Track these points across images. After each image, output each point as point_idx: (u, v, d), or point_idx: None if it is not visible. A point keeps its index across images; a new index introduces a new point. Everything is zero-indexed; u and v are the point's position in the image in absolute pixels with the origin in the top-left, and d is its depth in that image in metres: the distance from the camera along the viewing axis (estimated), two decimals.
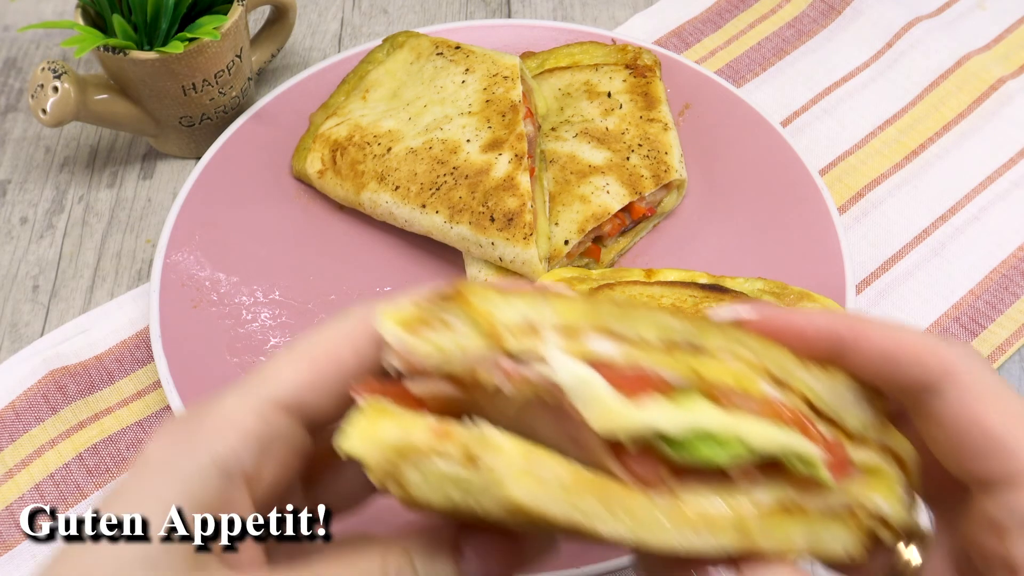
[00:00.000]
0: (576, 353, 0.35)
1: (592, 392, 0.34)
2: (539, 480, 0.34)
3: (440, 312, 0.38)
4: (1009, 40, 1.03)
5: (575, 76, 0.92)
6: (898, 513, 0.41)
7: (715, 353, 0.38)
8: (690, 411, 0.36)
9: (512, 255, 0.77)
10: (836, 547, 0.40)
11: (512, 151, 0.80)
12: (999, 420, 0.38)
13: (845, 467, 0.40)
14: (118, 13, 0.84)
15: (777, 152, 0.87)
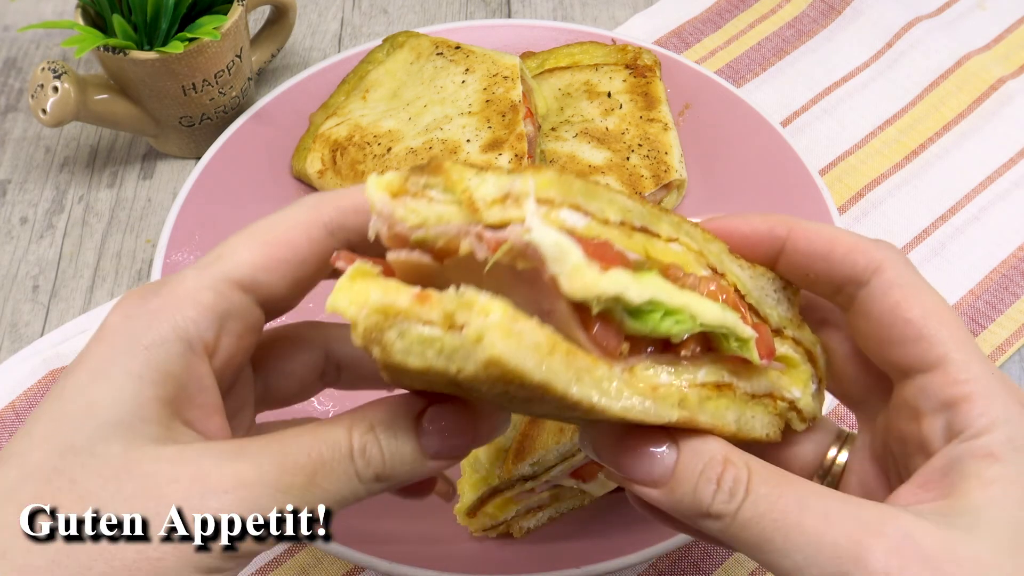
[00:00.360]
0: (552, 222, 0.37)
1: (567, 257, 0.36)
2: (520, 340, 0.36)
3: (422, 184, 0.40)
4: (1009, 40, 1.03)
5: (575, 76, 0.92)
6: (807, 402, 0.47)
7: (665, 238, 0.42)
8: (649, 284, 0.39)
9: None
10: (758, 428, 0.45)
11: (512, 151, 0.80)
12: (919, 311, 0.41)
13: (771, 351, 0.45)
14: (118, 13, 0.84)
15: (777, 152, 0.87)
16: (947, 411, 0.40)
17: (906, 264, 0.43)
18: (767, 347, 0.45)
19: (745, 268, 0.46)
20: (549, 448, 0.63)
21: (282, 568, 0.70)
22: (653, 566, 0.70)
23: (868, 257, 0.43)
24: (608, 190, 0.40)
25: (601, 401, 0.39)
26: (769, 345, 0.45)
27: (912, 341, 0.41)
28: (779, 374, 0.46)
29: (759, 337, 0.43)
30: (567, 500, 0.69)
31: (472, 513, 0.65)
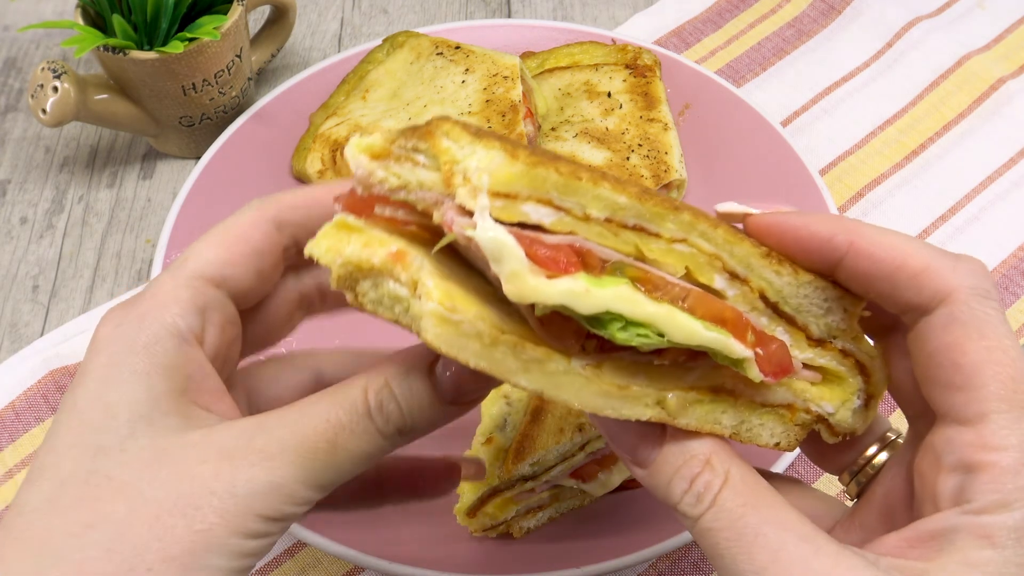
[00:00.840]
0: (511, 216, 0.36)
1: (507, 260, 0.35)
2: (457, 328, 0.36)
3: (410, 147, 0.39)
4: (1009, 40, 1.03)
5: (575, 76, 0.92)
6: (843, 418, 0.44)
7: (668, 238, 0.39)
8: (606, 293, 0.37)
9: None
10: (764, 437, 0.44)
11: None
12: (973, 358, 0.37)
13: (782, 369, 0.42)
14: (118, 13, 0.84)
15: (777, 152, 0.87)
16: (965, 473, 0.37)
17: (982, 296, 0.38)
18: (777, 365, 0.42)
19: (785, 274, 0.42)
20: (549, 448, 0.63)
21: (282, 568, 0.70)
22: (653, 566, 0.70)
23: (938, 284, 0.39)
24: (597, 184, 0.37)
25: (555, 394, 0.39)
26: (780, 362, 0.42)
27: (956, 389, 0.37)
28: (808, 385, 0.44)
29: (765, 354, 0.41)
30: (567, 500, 0.69)
31: (472, 513, 0.65)
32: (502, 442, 0.65)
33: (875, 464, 0.45)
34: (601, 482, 0.67)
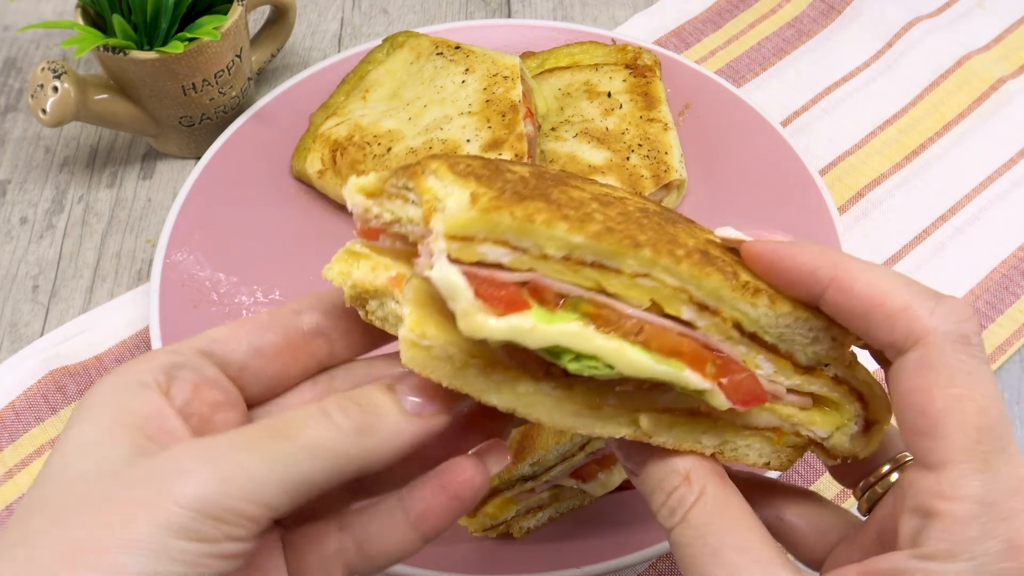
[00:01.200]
0: (470, 256, 0.38)
1: (457, 299, 0.38)
2: (428, 352, 0.39)
3: (401, 183, 0.43)
4: (1009, 40, 1.03)
5: (575, 76, 0.92)
6: (839, 442, 0.45)
7: (629, 274, 0.40)
8: (553, 329, 0.39)
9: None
10: (752, 457, 0.45)
11: (512, 151, 0.80)
12: (940, 405, 0.37)
13: (754, 398, 0.42)
14: (118, 13, 0.84)
15: (777, 152, 0.87)
16: (922, 518, 0.37)
17: (958, 341, 0.37)
18: (745, 394, 0.42)
19: (761, 306, 0.42)
20: (549, 448, 0.63)
21: None
22: (653, 566, 0.70)
23: (913, 325, 0.38)
24: (551, 226, 0.38)
25: (526, 413, 0.41)
26: (748, 392, 0.42)
27: (922, 433, 0.37)
28: (796, 410, 0.44)
29: (732, 384, 0.42)
30: (567, 500, 0.69)
31: (472, 513, 0.65)
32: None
33: (884, 484, 0.46)
34: (601, 482, 0.67)
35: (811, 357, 0.44)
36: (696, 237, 0.43)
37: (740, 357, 0.43)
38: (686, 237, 0.43)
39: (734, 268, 0.42)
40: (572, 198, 0.41)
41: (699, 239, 0.43)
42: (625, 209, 0.43)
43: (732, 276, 0.41)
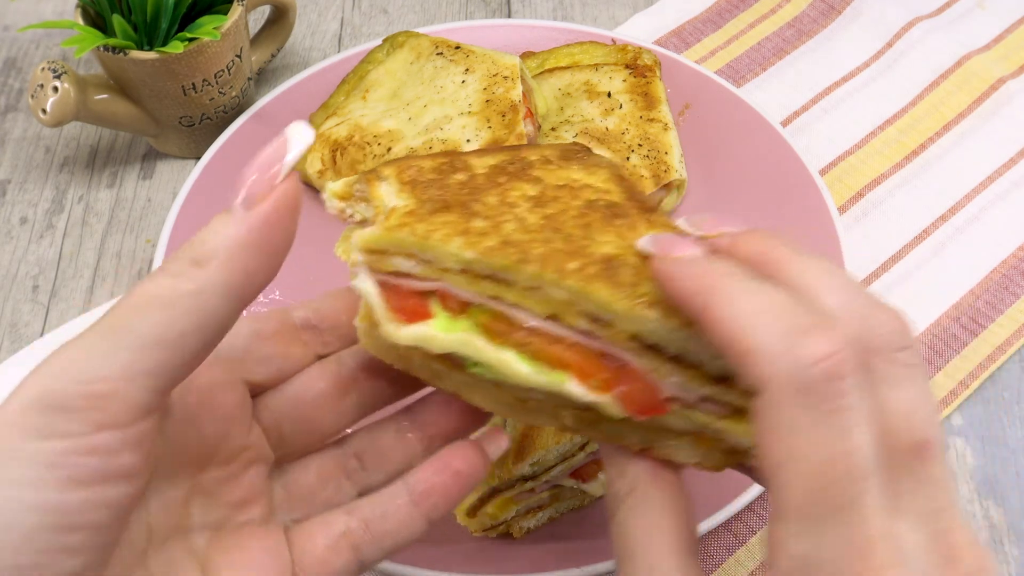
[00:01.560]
0: (386, 266, 0.43)
1: (373, 307, 0.43)
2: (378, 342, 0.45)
3: (360, 189, 0.47)
4: (1009, 40, 1.03)
5: (575, 76, 0.92)
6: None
7: (521, 286, 0.42)
8: (449, 338, 0.42)
9: None
10: (683, 456, 0.45)
11: None
12: (775, 460, 0.35)
13: (649, 406, 0.42)
14: (118, 13, 0.84)
15: (777, 152, 0.87)
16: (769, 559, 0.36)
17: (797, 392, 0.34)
18: (640, 404, 0.42)
19: (651, 321, 0.41)
20: (549, 448, 0.63)
21: None
22: None
23: (755, 372, 0.35)
24: (447, 242, 0.42)
25: (470, 398, 0.45)
26: (643, 402, 0.42)
27: (765, 480, 0.36)
28: (714, 419, 0.43)
29: (626, 394, 0.42)
30: (567, 500, 0.69)
31: (472, 513, 0.66)
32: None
33: None
34: (601, 482, 0.67)
35: (719, 370, 0.42)
36: (624, 240, 0.43)
37: (644, 367, 0.42)
38: (606, 243, 0.43)
39: (638, 279, 0.41)
40: (494, 205, 0.44)
41: (624, 243, 0.43)
42: (558, 210, 0.45)
43: (629, 287, 0.41)
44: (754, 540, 0.71)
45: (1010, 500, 0.74)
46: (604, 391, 0.42)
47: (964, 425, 0.78)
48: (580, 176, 0.48)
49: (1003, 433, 0.77)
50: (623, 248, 0.43)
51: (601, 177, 0.49)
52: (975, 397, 0.79)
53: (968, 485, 0.75)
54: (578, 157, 0.51)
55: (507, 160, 0.49)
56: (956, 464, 0.76)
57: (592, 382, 0.42)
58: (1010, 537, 0.72)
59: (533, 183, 0.47)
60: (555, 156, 0.51)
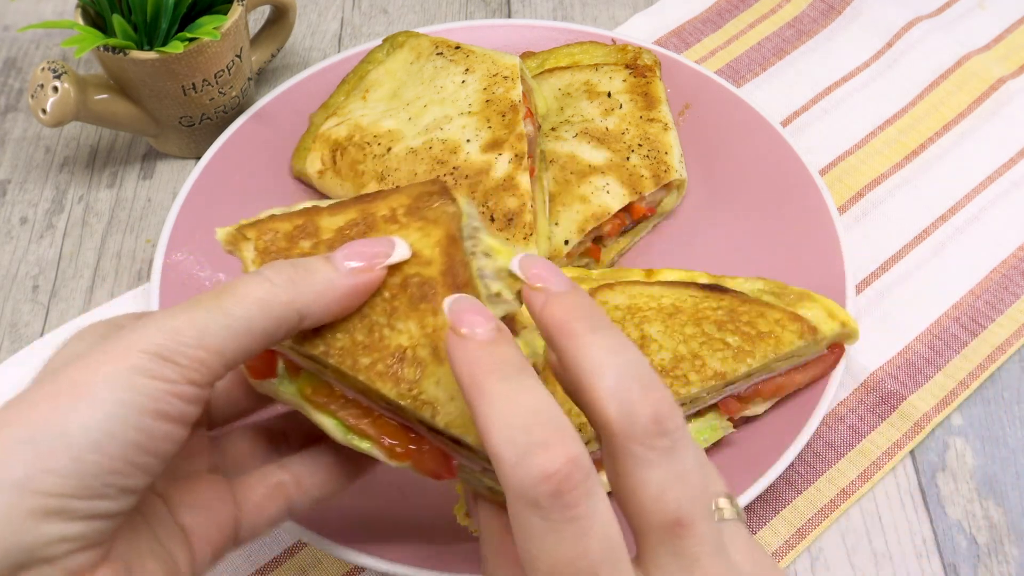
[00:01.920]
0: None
1: None
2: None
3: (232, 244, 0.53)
4: (1009, 40, 1.03)
5: (575, 76, 0.92)
6: None
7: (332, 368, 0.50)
8: (286, 394, 0.51)
9: None
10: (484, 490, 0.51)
11: (512, 151, 0.80)
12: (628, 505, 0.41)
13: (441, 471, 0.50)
14: (118, 13, 0.84)
15: (777, 152, 0.87)
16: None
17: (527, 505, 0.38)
18: (435, 470, 0.50)
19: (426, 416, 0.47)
20: None
21: (282, 568, 0.70)
22: None
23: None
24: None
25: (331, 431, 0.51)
26: (437, 469, 0.50)
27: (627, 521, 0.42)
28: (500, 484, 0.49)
29: (424, 460, 0.50)
30: None
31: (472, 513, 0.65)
32: None
33: None
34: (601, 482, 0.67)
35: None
36: (422, 328, 0.48)
37: (436, 441, 0.50)
38: (404, 332, 0.48)
39: (421, 374, 0.47)
40: None
41: (422, 332, 0.48)
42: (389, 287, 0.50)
43: (410, 384, 0.47)
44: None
45: (1010, 500, 0.74)
46: (403, 459, 0.50)
47: (964, 425, 0.78)
48: (412, 239, 0.51)
49: (1003, 433, 0.77)
50: (417, 338, 0.48)
51: (432, 239, 0.51)
52: (975, 397, 0.79)
53: (968, 485, 0.75)
54: (426, 206, 0.53)
55: (355, 220, 0.53)
56: (956, 464, 0.76)
57: (393, 450, 0.50)
58: (1010, 537, 0.72)
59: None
60: (403, 209, 0.53)
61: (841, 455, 0.75)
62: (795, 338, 0.68)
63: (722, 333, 0.68)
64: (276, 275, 0.46)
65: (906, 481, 0.75)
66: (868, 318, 0.83)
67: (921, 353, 0.81)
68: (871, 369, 0.80)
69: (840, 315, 0.71)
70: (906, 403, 0.78)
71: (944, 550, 0.71)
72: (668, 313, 0.69)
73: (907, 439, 0.76)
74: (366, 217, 0.53)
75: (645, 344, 0.67)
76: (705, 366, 0.66)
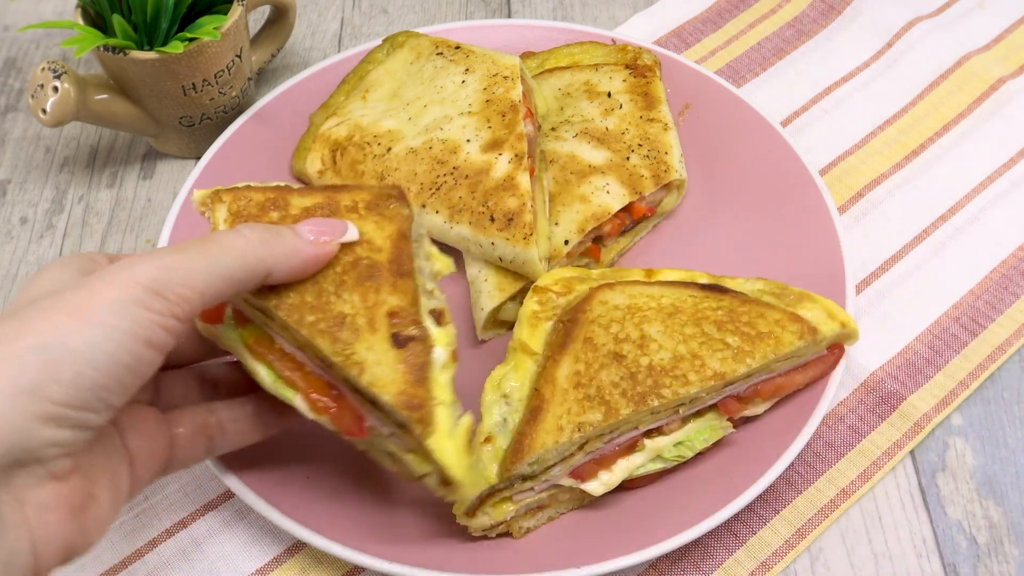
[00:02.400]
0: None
1: None
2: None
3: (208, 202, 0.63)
4: (1009, 40, 1.03)
5: (575, 76, 0.92)
6: (432, 483, 0.60)
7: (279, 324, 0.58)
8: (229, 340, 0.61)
9: (512, 255, 0.77)
10: (388, 466, 0.62)
11: (512, 151, 0.80)
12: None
13: (351, 429, 0.59)
14: (118, 13, 0.84)
15: (777, 152, 0.87)
16: None
17: None
18: (348, 427, 0.59)
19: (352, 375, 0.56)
20: (548, 448, 0.63)
21: (282, 568, 0.70)
22: (653, 566, 0.70)
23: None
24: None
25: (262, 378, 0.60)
26: (350, 426, 0.59)
27: None
28: (401, 451, 0.60)
29: (340, 416, 0.59)
30: (567, 500, 0.69)
31: (472, 513, 0.66)
32: (502, 442, 0.65)
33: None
34: (601, 481, 0.67)
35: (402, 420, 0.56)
36: (364, 301, 0.58)
37: (353, 401, 0.59)
38: (347, 302, 0.57)
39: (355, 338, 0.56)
40: None
41: (364, 304, 0.58)
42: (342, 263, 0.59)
43: (344, 344, 0.56)
44: (754, 540, 0.71)
45: (1010, 500, 0.74)
46: (323, 413, 0.59)
47: (964, 425, 0.78)
48: (368, 229, 0.61)
49: (1003, 433, 0.77)
50: (358, 308, 0.57)
51: (385, 232, 0.61)
52: (975, 397, 0.79)
53: (968, 485, 0.75)
54: (384, 205, 0.63)
55: (321, 203, 0.62)
56: (956, 464, 0.76)
57: (315, 403, 0.59)
58: (1010, 537, 0.72)
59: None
60: (364, 204, 0.63)
61: (841, 455, 0.75)
62: (795, 338, 0.68)
63: (722, 333, 0.68)
64: (252, 233, 0.54)
65: (906, 481, 0.75)
66: (868, 318, 0.83)
67: (921, 353, 0.81)
68: (871, 369, 0.80)
69: (840, 315, 0.71)
70: (906, 403, 0.78)
71: (944, 550, 0.71)
72: (668, 313, 0.69)
73: (907, 439, 0.76)
74: (331, 203, 0.62)
75: (645, 344, 0.67)
76: (705, 366, 0.66)
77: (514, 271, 0.79)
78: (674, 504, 0.68)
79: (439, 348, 0.59)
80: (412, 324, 0.58)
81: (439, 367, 0.59)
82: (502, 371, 0.69)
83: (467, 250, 0.81)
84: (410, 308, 0.58)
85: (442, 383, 0.58)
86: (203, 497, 0.73)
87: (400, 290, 0.59)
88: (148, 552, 0.71)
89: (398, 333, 0.57)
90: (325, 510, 0.68)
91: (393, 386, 0.56)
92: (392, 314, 0.58)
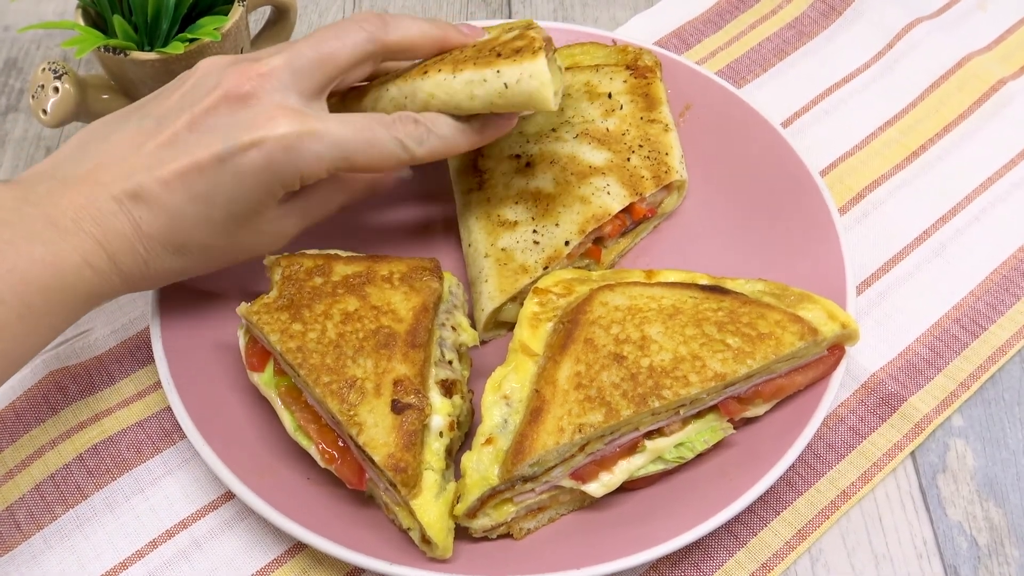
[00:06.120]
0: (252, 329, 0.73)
1: (242, 351, 0.73)
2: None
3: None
4: (1009, 41, 1.03)
5: (575, 77, 0.92)
6: (416, 538, 0.65)
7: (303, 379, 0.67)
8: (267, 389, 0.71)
9: (518, 75, 0.70)
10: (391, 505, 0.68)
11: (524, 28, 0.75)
12: None
13: (353, 480, 0.66)
14: (119, 14, 0.84)
15: (778, 153, 0.87)
16: None
17: None
18: (349, 479, 0.66)
19: (354, 436, 0.64)
20: (549, 449, 0.63)
21: (282, 568, 0.70)
22: (654, 567, 0.70)
23: None
24: (270, 336, 0.68)
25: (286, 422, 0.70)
26: (351, 478, 0.66)
27: None
28: (392, 503, 0.67)
29: (343, 469, 0.66)
30: (567, 501, 0.69)
31: (472, 514, 0.66)
32: (503, 443, 0.65)
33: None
34: (601, 483, 0.67)
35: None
36: (376, 368, 0.65)
37: (357, 456, 0.66)
38: (360, 367, 0.65)
39: (361, 400, 0.64)
40: (318, 313, 0.68)
41: (376, 370, 0.65)
42: (352, 329, 0.67)
43: (351, 406, 0.64)
44: (754, 541, 0.71)
45: (1011, 501, 0.74)
46: (331, 463, 0.67)
47: (965, 426, 0.78)
48: (396, 300, 0.69)
49: (1004, 434, 0.77)
50: (368, 374, 0.65)
51: (410, 304, 0.69)
52: (976, 398, 0.79)
53: (969, 486, 0.75)
54: (417, 277, 0.71)
55: (360, 272, 0.71)
56: (957, 465, 0.76)
57: (325, 453, 0.67)
58: (1011, 539, 0.72)
59: (359, 299, 0.69)
60: (399, 275, 0.71)
61: (841, 456, 0.75)
62: (795, 339, 0.68)
63: (722, 334, 0.68)
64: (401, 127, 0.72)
65: (907, 482, 0.75)
66: (868, 319, 0.83)
67: (922, 354, 0.81)
68: (871, 370, 0.80)
69: (840, 316, 0.71)
70: (906, 404, 0.77)
71: (945, 551, 0.71)
72: (668, 314, 0.69)
73: (907, 440, 0.76)
74: (369, 273, 0.71)
75: (646, 345, 0.67)
76: (705, 367, 0.66)
77: (520, 99, 0.71)
78: (674, 505, 0.68)
79: (438, 417, 0.66)
80: (413, 393, 0.64)
81: (434, 435, 0.65)
82: (502, 372, 0.69)
83: (470, 95, 0.72)
84: (414, 378, 0.65)
85: (434, 449, 0.65)
86: (203, 497, 0.73)
87: (410, 360, 0.66)
88: (148, 552, 0.71)
89: (398, 400, 0.64)
90: (325, 511, 0.68)
91: (384, 448, 0.62)
92: (397, 382, 0.65)
